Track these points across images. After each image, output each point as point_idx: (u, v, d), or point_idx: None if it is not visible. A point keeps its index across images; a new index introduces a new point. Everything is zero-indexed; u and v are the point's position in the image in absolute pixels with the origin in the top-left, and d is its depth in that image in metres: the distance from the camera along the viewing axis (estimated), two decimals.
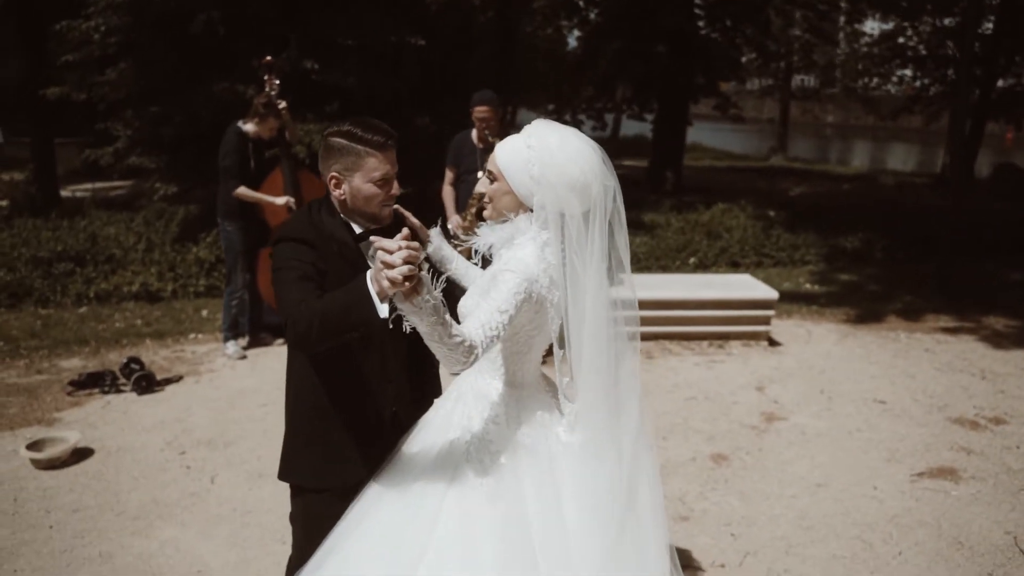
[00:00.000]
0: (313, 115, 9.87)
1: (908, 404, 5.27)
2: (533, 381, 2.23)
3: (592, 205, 2.04)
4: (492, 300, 1.94)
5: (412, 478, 2.10)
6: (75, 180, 15.91)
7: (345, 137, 2.14)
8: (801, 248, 10.76)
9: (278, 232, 2.21)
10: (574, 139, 2.07)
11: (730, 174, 22.46)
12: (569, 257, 2.03)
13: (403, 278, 1.64)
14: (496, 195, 2.13)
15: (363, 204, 2.19)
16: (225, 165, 5.52)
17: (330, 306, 1.86)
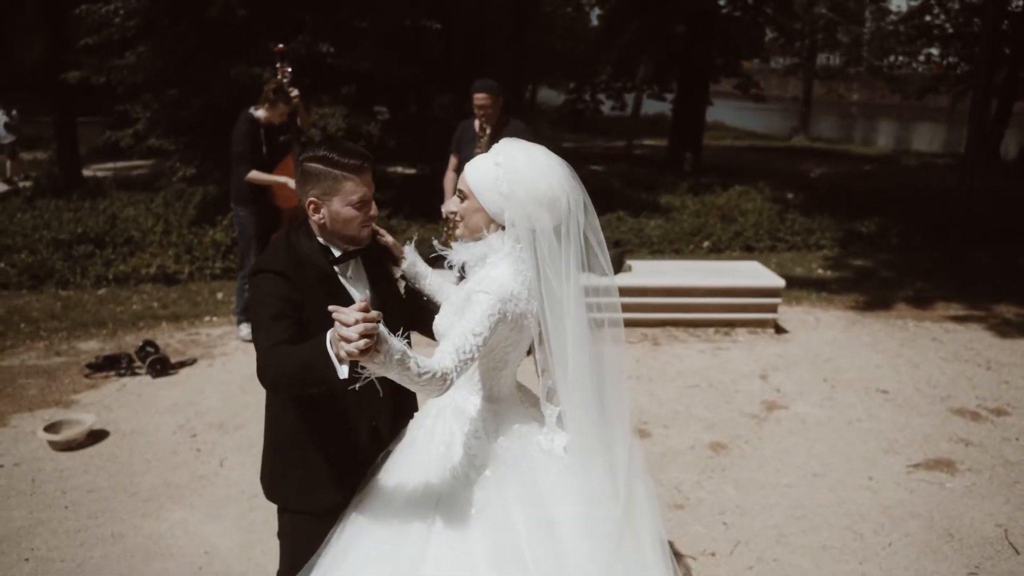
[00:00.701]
0: (329, 98, 9.96)
1: (911, 394, 5.30)
2: (510, 394, 2.27)
3: (563, 220, 2.08)
4: (466, 322, 1.97)
5: (401, 499, 2.14)
6: (98, 159, 16.11)
7: (321, 162, 2.15)
8: (816, 232, 10.73)
9: (256, 263, 2.23)
10: (541, 156, 2.12)
11: (751, 154, 22.31)
12: (543, 272, 2.06)
13: (359, 352, 1.65)
14: (467, 213, 2.16)
15: (342, 227, 2.20)
16: (237, 151, 5.62)
17: (293, 362, 1.88)
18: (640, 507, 2.22)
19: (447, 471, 2.14)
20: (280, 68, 5.57)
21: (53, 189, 11.53)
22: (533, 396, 2.35)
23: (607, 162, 19.35)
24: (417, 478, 2.15)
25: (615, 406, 2.20)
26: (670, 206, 12.20)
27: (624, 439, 2.21)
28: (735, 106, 32.50)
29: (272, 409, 2.33)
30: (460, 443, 2.17)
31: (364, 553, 2.08)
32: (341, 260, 2.25)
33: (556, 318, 2.08)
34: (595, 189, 10.10)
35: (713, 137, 26.29)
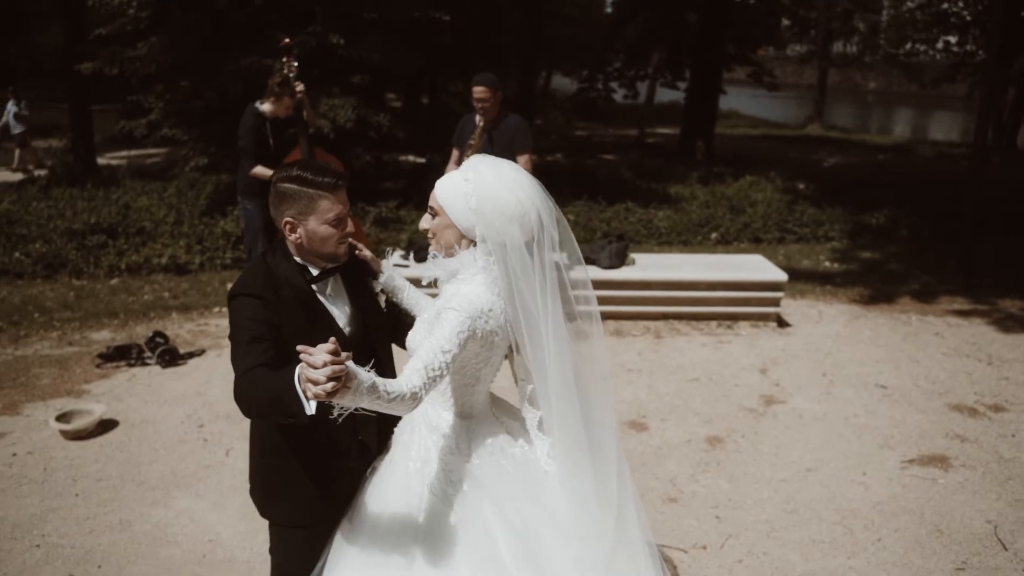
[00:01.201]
0: (339, 89, 10.04)
1: (909, 389, 5.34)
2: (483, 411, 2.30)
3: (535, 235, 2.10)
4: (435, 339, 1.98)
5: (382, 520, 2.16)
6: (112, 147, 16.28)
7: (295, 182, 2.16)
8: (825, 224, 10.71)
9: (234, 287, 2.21)
10: (510, 171, 2.14)
11: (764, 143, 22.22)
12: (517, 287, 2.09)
13: (326, 394, 1.65)
14: (438, 229, 2.17)
15: (320, 245, 2.21)
16: (242, 145, 5.70)
17: (263, 394, 1.89)
18: (630, 512, 2.27)
19: (425, 488, 2.17)
20: (286, 62, 5.63)
21: (68, 178, 11.68)
22: (509, 408, 2.39)
23: (619, 151, 19.34)
24: (396, 497, 2.18)
25: (600, 414, 2.25)
26: (680, 196, 12.21)
27: (612, 446, 2.25)
28: (750, 94, 32.37)
29: (257, 424, 2.33)
30: (436, 459, 2.20)
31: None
32: (319, 279, 2.26)
33: (533, 332, 2.11)
34: (605, 179, 10.26)
35: (727, 126, 26.18)
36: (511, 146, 5.49)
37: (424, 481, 2.18)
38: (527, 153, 5.51)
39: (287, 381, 1.78)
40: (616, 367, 5.66)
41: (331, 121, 9.46)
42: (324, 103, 9.55)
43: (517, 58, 16.98)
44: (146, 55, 9.30)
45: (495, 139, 5.51)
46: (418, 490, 2.17)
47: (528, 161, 5.50)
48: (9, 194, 10.19)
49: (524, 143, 5.51)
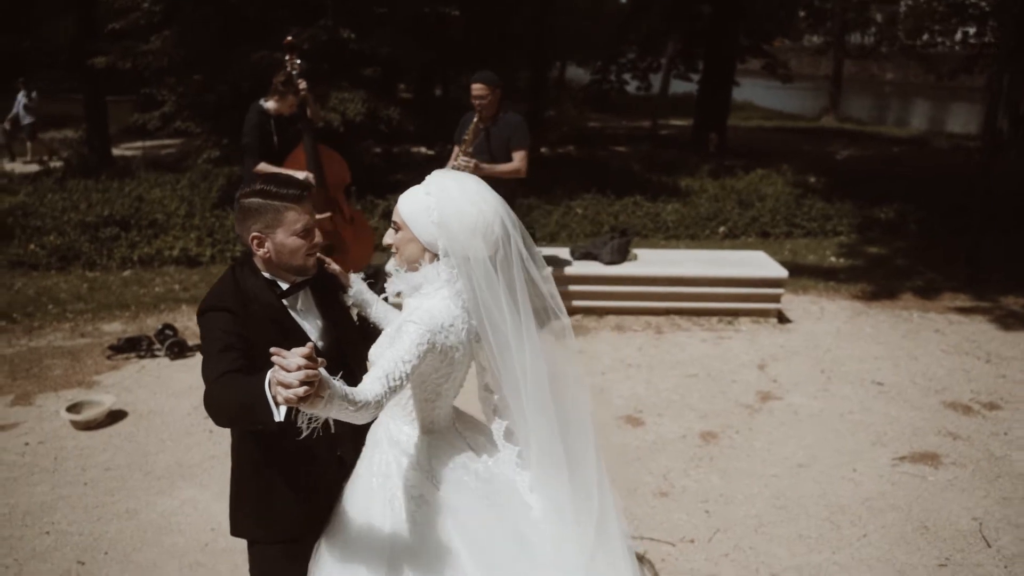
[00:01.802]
0: (349, 82, 10.13)
1: (906, 386, 5.39)
2: (446, 426, 2.30)
3: (500, 248, 2.11)
4: (395, 351, 1.97)
5: (347, 535, 2.20)
6: (127, 138, 16.47)
7: (260, 196, 2.15)
8: (833, 219, 10.72)
9: (204, 302, 2.20)
10: (473, 184, 2.14)
11: (778, 135, 22.15)
12: (482, 300, 2.09)
13: (298, 399, 1.63)
14: (402, 244, 2.17)
15: (289, 257, 2.20)
16: (246, 143, 5.79)
17: (233, 400, 1.86)
18: (611, 519, 2.30)
19: (386, 504, 2.18)
20: (289, 60, 5.71)
21: (83, 170, 11.86)
22: (474, 423, 2.40)
23: (631, 143, 19.34)
24: (359, 513, 2.20)
25: (577, 423, 2.26)
26: (689, 189, 12.25)
27: (591, 455, 2.27)
28: (765, 85, 32.18)
29: (236, 442, 2.34)
30: (396, 474, 2.20)
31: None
32: (289, 293, 2.26)
33: (501, 345, 2.11)
34: (615, 172, 10.32)
35: (741, 117, 26.09)
36: (508, 143, 5.57)
37: (385, 496, 2.19)
38: (523, 149, 5.58)
39: (257, 386, 1.76)
40: (616, 362, 5.74)
41: (341, 115, 9.56)
42: (334, 97, 9.65)
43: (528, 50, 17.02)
44: (158, 49, 9.43)
45: (492, 136, 5.59)
46: (379, 506, 2.19)
47: (524, 157, 5.57)
48: (25, 186, 10.37)
49: (521, 140, 5.58)
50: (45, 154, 14.62)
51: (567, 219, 10.49)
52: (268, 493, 2.30)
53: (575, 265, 6.56)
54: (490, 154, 5.57)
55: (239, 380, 1.91)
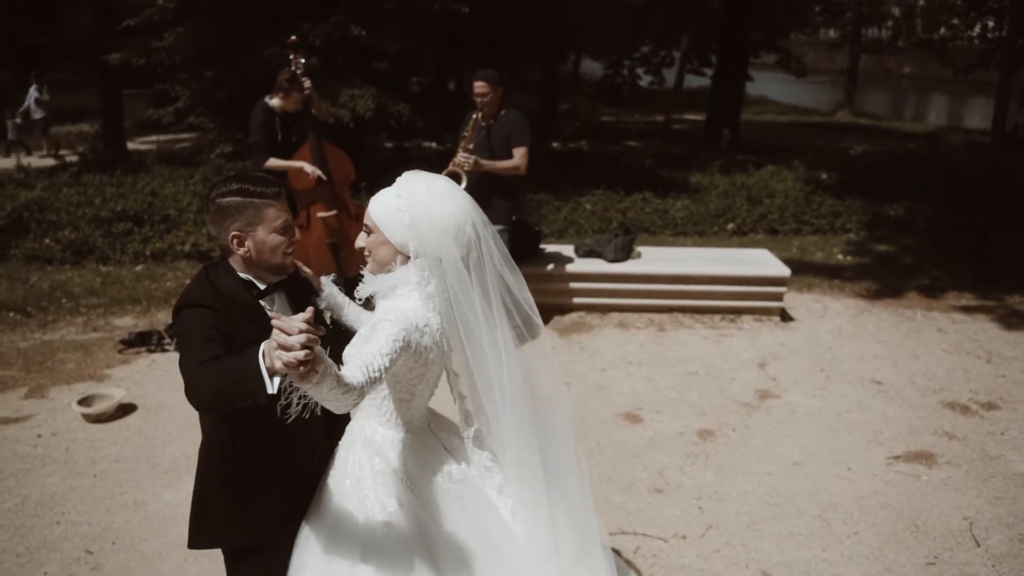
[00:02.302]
0: (360, 78, 10.22)
1: (904, 386, 5.42)
2: (420, 426, 2.31)
3: (472, 248, 2.13)
4: (373, 345, 1.98)
5: (320, 536, 2.21)
6: (143, 132, 16.64)
7: (239, 195, 2.14)
8: (843, 215, 10.71)
9: (181, 299, 2.17)
10: (442, 185, 2.15)
11: (792, 130, 22.11)
12: (455, 302, 2.11)
13: (298, 363, 1.62)
14: (374, 247, 2.17)
15: (269, 255, 2.19)
16: (253, 140, 5.89)
17: (221, 376, 1.83)
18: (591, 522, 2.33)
19: (360, 505, 2.20)
20: (294, 58, 5.80)
21: (98, 164, 12.00)
22: (449, 425, 2.41)
23: (644, 138, 19.36)
24: (331, 515, 2.22)
25: (556, 426, 2.30)
26: (699, 186, 12.26)
27: (571, 460, 2.30)
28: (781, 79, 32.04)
29: (210, 449, 2.31)
30: (371, 476, 2.22)
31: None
32: (266, 293, 2.25)
33: (474, 346, 2.13)
34: (626, 167, 10.35)
35: (755, 112, 26.04)
36: (508, 140, 5.64)
37: (359, 497, 2.21)
38: (524, 146, 5.65)
39: (250, 359, 1.74)
40: (617, 359, 5.80)
41: (351, 111, 9.65)
42: (344, 93, 9.75)
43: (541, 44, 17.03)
44: (171, 46, 9.55)
45: (493, 133, 5.67)
46: (353, 508, 2.21)
47: (524, 154, 5.64)
48: (41, 180, 10.51)
49: (521, 137, 5.65)
50: (53, 148, 14.82)
51: (575, 215, 10.54)
52: (240, 501, 2.27)
53: (579, 263, 6.62)
54: (491, 151, 5.65)
55: (227, 360, 1.87)
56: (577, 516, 2.31)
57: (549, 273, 6.56)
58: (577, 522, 2.30)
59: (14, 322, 6.44)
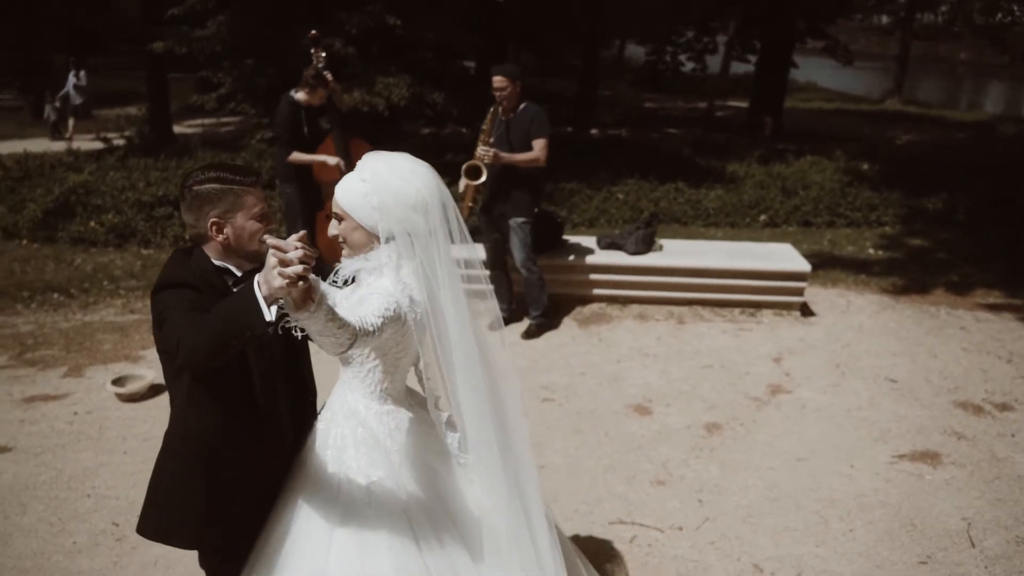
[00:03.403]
0: (396, 67, 10.37)
1: (919, 384, 5.43)
2: (400, 397, 2.40)
3: (434, 223, 2.18)
4: (367, 308, 2.05)
5: (302, 506, 2.29)
6: (189, 116, 17.03)
7: (217, 182, 2.17)
8: (879, 208, 10.58)
9: (158, 280, 2.20)
10: (404, 162, 2.20)
11: (838, 118, 21.74)
12: (426, 276, 2.17)
13: (297, 276, 1.66)
14: (347, 233, 2.23)
15: (247, 242, 2.22)
16: (279, 133, 6.10)
17: (215, 318, 1.85)
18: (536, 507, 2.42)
19: (341, 473, 2.28)
20: (315, 53, 5.96)
21: (144, 148, 12.36)
22: (421, 399, 2.48)
23: (685, 125, 19.24)
24: (314, 484, 2.30)
25: (510, 405, 2.40)
26: (735, 176, 12.20)
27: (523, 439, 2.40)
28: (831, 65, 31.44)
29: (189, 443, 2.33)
30: (352, 446, 2.30)
31: (272, 555, 2.29)
32: (243, 280, 2.24)
33: (439, 324, 2.20)
34: (664, 156, 10.38)
35: (801, 99, 25.64)
36: (527, 133, 5.74)
37: (341, 466, 2.30)
38: (543, 138, 5.73)
39: (245, 291, 1.77)
40: (633, 351, 5.89)
41: (385, 99, 9.81)
42: (380, 82, 9.90)
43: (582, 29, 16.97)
44: (212, 35, 9.79)
45: (513, 126, 5.77)
46: (333, 475, 2.29)
47: (544, 146, 5.73)
48: (89, 164, 10.88)
49: (540, 130, 5.74)
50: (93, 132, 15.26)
51: (607, 204, 10.59)
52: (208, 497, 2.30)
53: (600, 255, 6.70)
54: (510, 144, 5.75)
55: (220, 303, 1.89)
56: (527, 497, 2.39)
57: (571, 264, 6.65)
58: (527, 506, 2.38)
59: (58, 303, 6.75)
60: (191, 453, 2.31)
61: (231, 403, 2.27)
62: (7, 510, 4.03)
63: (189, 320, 1.97)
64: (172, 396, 2.36)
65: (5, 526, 3.91)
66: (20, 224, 8.77)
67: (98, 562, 3.65)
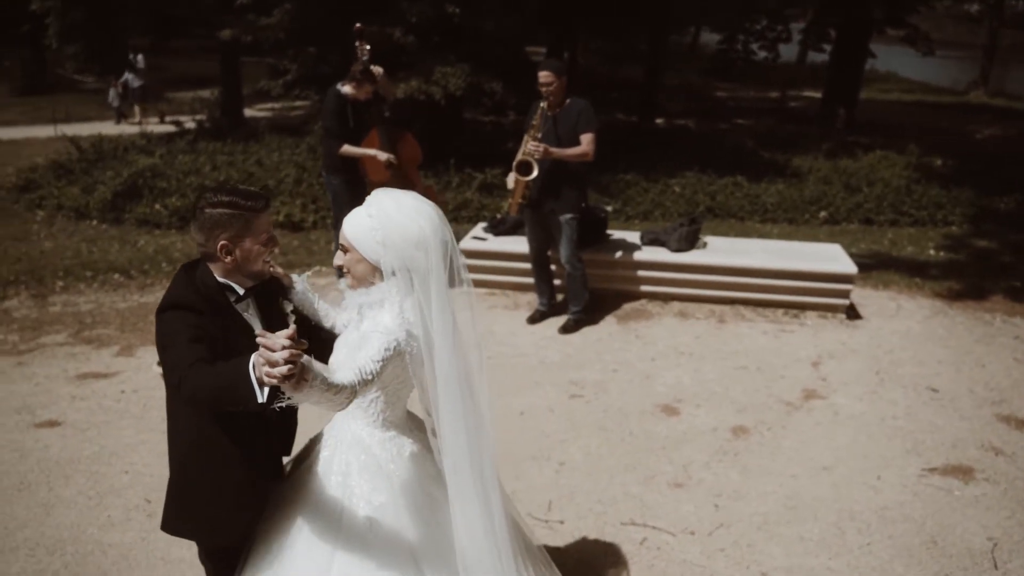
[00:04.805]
0: (455, 56, 10.44)
1: (961, 395, 5.26)
2: (401, 424, 2.50)
3: (434, 261, 2.26)
4: (366, 353, 2.16)
5: (304, 528, 2.38)
6: (261, 100, 17.44)
7: (229, 207, 2.27)
8: (946, 207, 10.24)
9: (163, 300, 2.30)
10: (410, 201, 2.29)
11: (917, 110, 21.03)
12: (422, 311, 2.25)
13: (283, 377, 1.75)
14: (351, 264, 2.34)
15: (251, 264, 2.35)
16: (327, 126, 6.22)
17: (214, 381, 1.97)
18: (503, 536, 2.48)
19: (345, 498, 2.38)
20: (359, 46, 6.05)
21: (215, 131, 12.76)
22: (421, 423, 2.53)
23: (755, 115, 18.88)
24: (318, 510, 2.40)
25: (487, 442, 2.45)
26: (798, 170, 11.94)
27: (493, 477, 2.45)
28: (913, 54, 30.27)
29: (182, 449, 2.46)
30: (356, 472, 2.40)
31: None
32: (245, 297, 2.40)
33: (439, 358, 2.28)
34: (723, 149, 10.27)
35: (880, 90, 24.83)
36: (575, 128, 5.73)
37: (345, 492, 2.40)
38: (591, 132, 5.72)
39: (241, 368, 1.87)
40: (669, 349, 5.86)
41: (443, 88, 9.90)
42: (438, 71, 9.99)
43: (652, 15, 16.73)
44: (277, 23, 10.02)
45: (560, 121, 5.77)
46: (337, 500, 2.39)
47: (592, 140, 5.71)
48: (160, 147, 11.29)
49: (587, 124, 5.73)
50: (155, 116, 15.80)
51: (663, 197, 10.51)
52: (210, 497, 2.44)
53: (643, 251, 6.67)
54: (558, 139, 5.75)
55: (221, 364, 2.01)
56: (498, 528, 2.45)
57: (613, 260, 6.64)
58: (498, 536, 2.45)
59: (117, 283, 7.06)
60: (185, 445, 2.45)
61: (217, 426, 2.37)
62: (52, 481, 4.27)
63: (190, 364, 2.07)
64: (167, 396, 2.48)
65: (49, 497, 4.15)
66: (91, 205, 9.19)
67: (128, 536, 3.85)
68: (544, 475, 4.33)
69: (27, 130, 15.76)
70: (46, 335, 6.07)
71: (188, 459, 2.45)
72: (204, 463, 2.41)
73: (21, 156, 12.84)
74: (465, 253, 6.97)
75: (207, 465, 2.41)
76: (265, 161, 10.62)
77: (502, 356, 5.75)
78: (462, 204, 9.68)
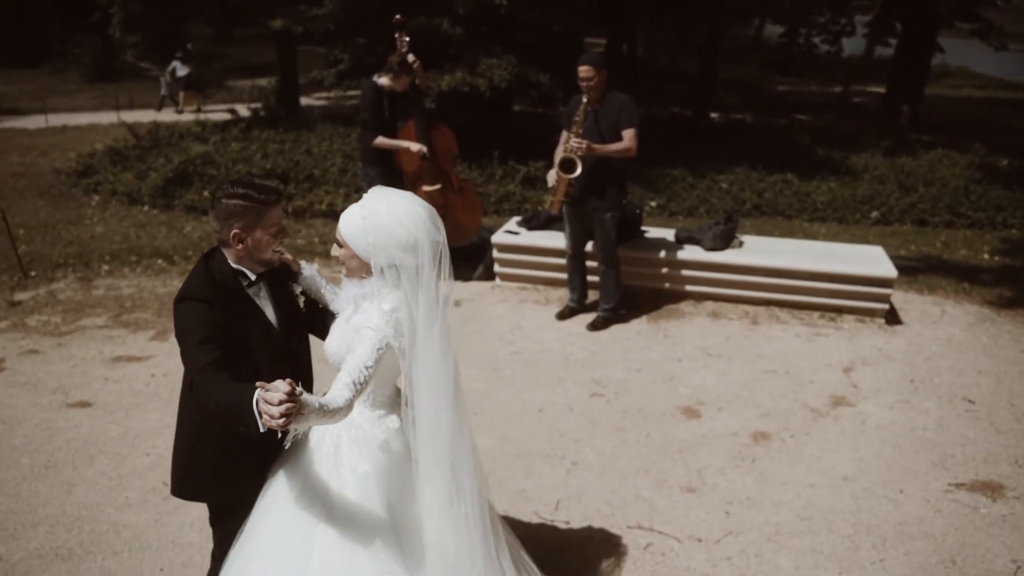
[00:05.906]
0: (501, 47, 10.41)
1: (999, 407, 5.06)
2: (391, 402, 2.63)
3: (423, 260, 2.36)
4: (357, 356, 2.30)
5: (293, 498, 2.52)
6: (317, 89, 17.66)
7: (243, 199, 2.44)
8: (1006, 209, 9.87)
9: (181, 292, 2.48)
10: (402, 203, 2.39)
11: (987, 107, 20.26)
12: (408, 306, 2.37)
13: (279, 426, 1.97)
14: (345, 259, 2.47)
15: (261, 252, 2.52)
16: (363, 118, 6.27)
17: (222, 402, 2.17)
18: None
19: (333, 469, 2.52)
20: (398, 37, 6.06)
21: (270, 119, 12.96)
22: None
23: (816, 110, 18.43)
24: (306, 478, 2.53)
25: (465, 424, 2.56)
26: (852, 168, 11.63)
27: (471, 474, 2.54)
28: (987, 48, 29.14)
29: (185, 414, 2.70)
30: (346, 444, 2.53)
31: (257, 547, 2.51)
32: (258, 282, 2.58)
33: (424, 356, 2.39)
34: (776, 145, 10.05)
35: (949, 85, 24.01)
36: (616, 123, 5.65)
37: (334, 462, 2.53)
38: (632, 128, 5.64)
39: (246, 400, 2.07)
40: (697, 349, 5.77)
41: (488, 80, 9.89)
42: (483, 63, 9.98)
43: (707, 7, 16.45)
44: (327, 14, 10.12)
45: (601, 117, 5.69)
46: (325, 470, 2.52)
47: (634, 136, 5.63)
48: (215, 135, 11.52)
49: (629, 119, 5.64)
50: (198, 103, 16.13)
51: (709, 193, 10.35)
52: (218, 459, 2.63)
53: (677, 249, 6.56)
54: (600, 135, 5.69)
55: (231, 386, 2.21)
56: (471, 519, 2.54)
57: (646, 257, 6.56)
58: None
59: (159, 268, 7.24)
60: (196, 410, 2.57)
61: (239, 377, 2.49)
62: (77, 461, 4.41)
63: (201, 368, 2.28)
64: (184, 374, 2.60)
65: (72, 476, 4.28)
66: (143, 191, 9.43)
67: (143, 518, 3.95)
68: (555, 474, 4.31)
69: (93, 116, 16.27)
70: (87, 317, 6.25)
71: (200, 423, 2.60)
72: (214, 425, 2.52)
73: (84, 142, 13.27)
74: (497, 247, 7.03)
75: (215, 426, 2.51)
76: (314, 150, 10.76)
77: (527, 351, 5.73)
78: (504, 197, 9.68)
